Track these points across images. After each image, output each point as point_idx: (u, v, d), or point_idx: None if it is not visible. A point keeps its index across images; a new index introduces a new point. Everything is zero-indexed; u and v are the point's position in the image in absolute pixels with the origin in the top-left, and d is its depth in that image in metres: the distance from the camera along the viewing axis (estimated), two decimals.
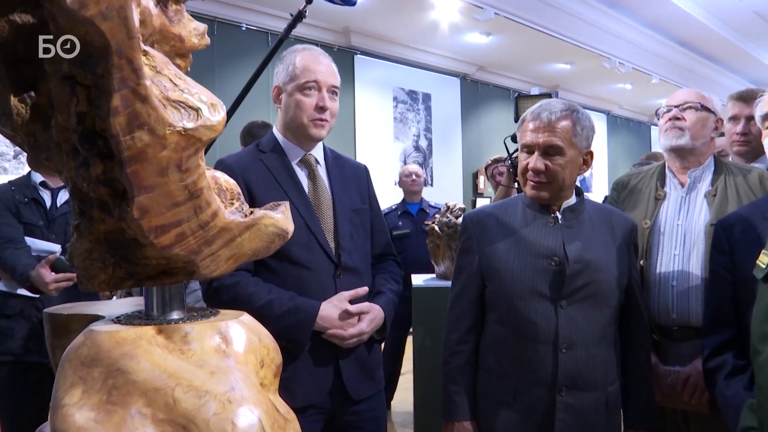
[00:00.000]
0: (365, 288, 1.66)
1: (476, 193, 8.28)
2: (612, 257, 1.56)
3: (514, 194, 2.34)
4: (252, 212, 0.92)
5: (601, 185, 10.16)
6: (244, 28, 5.71)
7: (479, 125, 8.36)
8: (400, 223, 4.19)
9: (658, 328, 1.79)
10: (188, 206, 0.81)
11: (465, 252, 1.64)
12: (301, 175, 1.69)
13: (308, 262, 1.61)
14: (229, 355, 0.86)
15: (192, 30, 0.89)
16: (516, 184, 2.66)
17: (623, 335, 1.61)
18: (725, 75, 9.86)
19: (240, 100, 2.18)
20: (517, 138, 1.65)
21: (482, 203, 7.26)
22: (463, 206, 2.59)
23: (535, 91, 2.96)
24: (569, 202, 1.60)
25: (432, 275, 2.69)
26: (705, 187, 1.82)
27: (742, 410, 1.24)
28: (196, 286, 2.05)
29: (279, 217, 0.93)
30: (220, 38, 5.36)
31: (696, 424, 1.77)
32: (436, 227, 2.54)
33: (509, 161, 2.86)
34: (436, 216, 2.61)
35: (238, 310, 0.99)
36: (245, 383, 0.83)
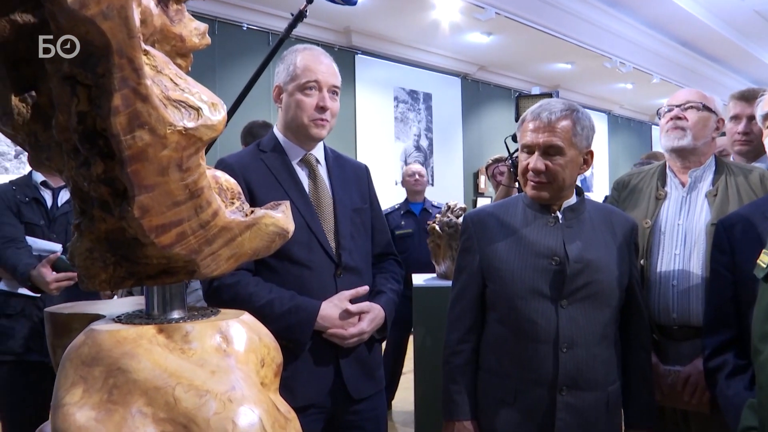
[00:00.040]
0: (366, 287, 1.67)
1: (477, 192, 8.28)
2: (612, 257, 1.56)
3: (515, 194, 2.34)
4: (252, 212, 0.92)
5: (602, 185, 10.15)
6: (245, 28, 5.71)
7: (480, 125, 8.36)
8: (402, 223, 4.18)
9: (659, 328, 1.79)
10: (189, 205, 0.81)
11: (465, 252, 1.64)
12: (302, 174, 1.69)
13: (309, 262, 1.61)
14: (229, 355, 0.86)
15: (193, 30, 0.89)
16: (517, 184, 2.66)
17: (624, 335, 1.61)
18: (726, 75, 9.84)
19: (241, 99, 2.18)
20: (517, 138, 1.65)
21: (483, 203, 7.25)
22: (463, 206, 2.59)
23: (535, 91, 2.96)
24: (570, 201, 1.60)
25: (433, 275, 2.69)
26: (706, 187, 1.82)
27: (742, 410, 1.24)
28: (197, 286, 2.05)
29: (279, 216, 0.93)
30: (220, 38, 5.37)
31: (696, 424, 1.77)
32: (437, 227, 2.54)
33: (510, 161, 2.86)
34: (437, 215, 2.61)
35: (239, 309, 1.00)
36: (246, 382, 0.83)
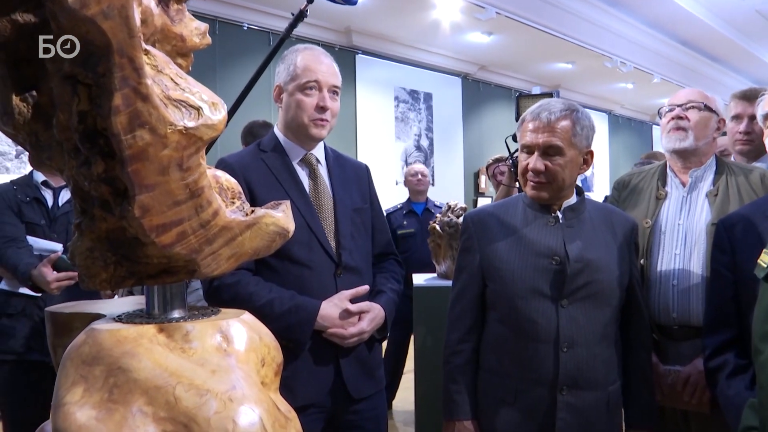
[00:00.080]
0: (366, 287, 1.67)
1: (477, 192, 8.28)
2: (613, 256, 1.56)
3: (516, 193, 2.34)
4: (253, 211, 0.92)
5: (602, 185, 10.15)
6: (246, 28, 5.71)
7: (480, 125, 8.36)
8: (405, 223, 4.18)
9: (659, 328, 1.79)
10: (189, 205, 0.81)
11: (466, 251, 1.64)
12: (302, 174, 1.69)
13: (309, 262, 1.61)
14: (230, 354, 0.86)
15: (193, 29, 0.89)
16: (517, 184, 2.66)
17: (624, 334, 1.61)
18: (727, 74, 9.84)
19: (241, 99, 2.19)
20: (517, 138, 1.65)
21: (483, 203, 7.27)
22: (464, 206, 2.59)
23: (536, 91, 2.96)
24: (570, 201, 1.60)
25: (433, 275, 2.69)
26: (706, 187, 1.82)
27: (743, 410, 1.24)
28: (197, 285, 2.05)
29: (280, 216, 0.93)
30: (221, 38, 5.37)
31: (696, 424, 1.76)
32: (437, 227, 2.54)
33: (510, 160, 2.86)
34: (438, 215, 2.61)
35: (239, 308, 0.99)
36: (246, 382, 0.83)
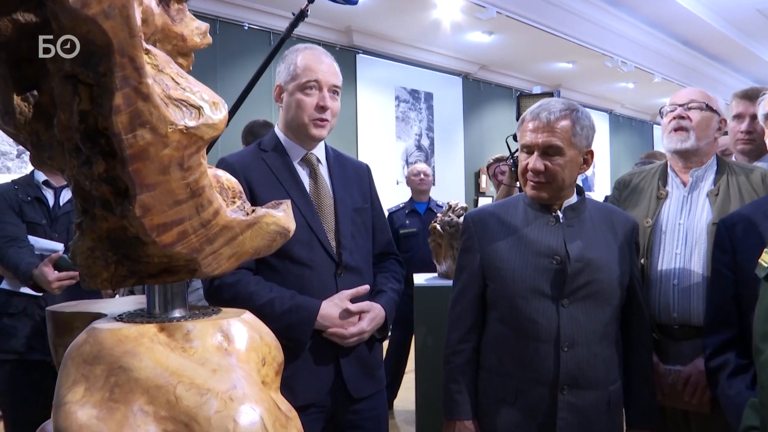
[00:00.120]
0: (366, 286, 1.67)
1: (478, 192, 8.28)
2: (613, 256, 1.56)
3: (516, 193, 2.34)
4: (253, 210, 0.92)
5: (603, 184, 10.15)
6: (246, 28, 5.71)
7: (481, 124, 8.36)
8: (407, 222, 4.18)
9: (659, 327, 1.78)
10: (190, 204, 0.81)
11: (466, 251, 1.64)
12: (303, 174, 1.69)
13: (309, 261, 1.61)
14: (230, 353, 0.86)
15: (194, 29, 0.89)
16: (518, 183, 2.65)
17: (625, 334, 1.61)
18: (728, 74, 9.83)
19: (242, 99, 2.19)
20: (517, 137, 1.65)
21: (484, 202, 7.26)
22: (464, 205, 2.59)
23: (537, 90, 2.96)
24: (570, 201, 1.60)
25: (434, 274, 2.69)
26: (707, 187, 1.82)
27: (744, 409, 1.24)
28: (198, 285, 2.05)
29: (280, 215, 0.93)
30: (222, 37, 5.37)
31: (697, 424, 1.76)
32: (438, 226, 2.54)
33: (511, 160, 2.86)
34: (438, 215, 2.61)
35: (240, 308, 1.00)
36: (247, 381, 0.83)
